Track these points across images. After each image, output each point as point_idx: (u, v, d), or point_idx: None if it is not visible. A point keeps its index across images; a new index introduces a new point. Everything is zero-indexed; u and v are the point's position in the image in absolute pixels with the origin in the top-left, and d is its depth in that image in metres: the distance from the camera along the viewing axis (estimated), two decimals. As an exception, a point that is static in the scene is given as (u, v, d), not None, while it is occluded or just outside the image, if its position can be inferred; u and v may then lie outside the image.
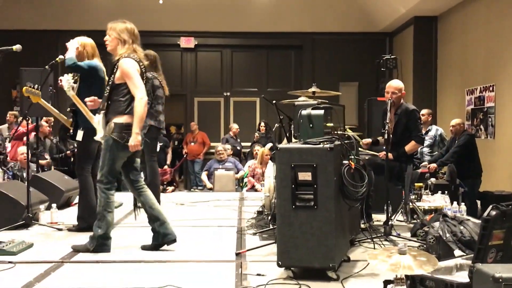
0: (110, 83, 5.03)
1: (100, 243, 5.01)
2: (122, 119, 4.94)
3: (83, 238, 5.43)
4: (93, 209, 5.85)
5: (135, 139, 4.88)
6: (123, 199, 8.20)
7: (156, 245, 5.14)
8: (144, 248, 5.16)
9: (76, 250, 5.05)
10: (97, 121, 5.05)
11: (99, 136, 5.06)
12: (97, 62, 5.95)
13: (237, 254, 4.95)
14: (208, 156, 14.01)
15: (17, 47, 5.27)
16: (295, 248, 4.15)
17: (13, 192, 6.23)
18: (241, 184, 11.07)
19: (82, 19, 14.20)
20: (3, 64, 5.26)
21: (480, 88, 10.44)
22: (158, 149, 7.93)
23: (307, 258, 4.13)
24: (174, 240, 5.15)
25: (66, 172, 8.05)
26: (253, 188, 10.10)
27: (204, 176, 11.72)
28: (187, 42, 15.13)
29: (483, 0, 10.48)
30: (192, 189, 13.78)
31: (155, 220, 5.11)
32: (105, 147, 4.98)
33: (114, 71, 5.00)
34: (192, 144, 14.41)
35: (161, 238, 5.13)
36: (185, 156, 14.64)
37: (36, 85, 5.93)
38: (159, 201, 7.55)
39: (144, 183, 5.27)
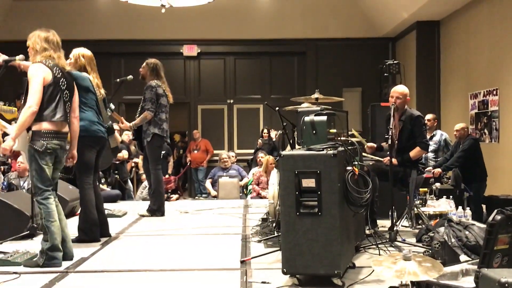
0: (25, 91, 4.89)
1: (48, 257, 4.84)
2: (38, 126, 4.83)
3: (85, 249, 5.45)
4: (93, 221, 5.85)
5: (7, 144, 4.75)
6: (128, 208, 8.21)
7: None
8: (27, 265, 4.91)
9: (27, 266, 4.87)
10: (10, 130, 4.98)
11: (14, 146, 4.95)
12: (80, 72, 5.87)
13: (242, 262, 4.94)
14: (212, 163, 14.01)
15: (20, 57, 5.28)
16: (300, 255, 4.13)
17: (17, 202, 6.23)
18: (245, 192, 11.06)
19: (85, 29, 14.28)
20: (7, 75, 5.27)
21: (484, 92, 10.41)
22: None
23: (312, 265, 4.11)
24: (71, 260, 5.03)
25: (70, 180, 8.04)
26: (258, 196, 10.08)
27: (208, 183, 11.72)
28: (190, 50, 15.16)
29: (485, 4, 10.47)
30: (196, 197, 13.78)
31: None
32: (28, 157, 4.88)
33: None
34: (195, 152, 14.42)
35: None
36: (188, 164, 14.65)
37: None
38: (163, 210, 7.61)
39: (55, 197, 5.09)
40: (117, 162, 10.09)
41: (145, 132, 7.53)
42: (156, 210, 7.58)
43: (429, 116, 9.16)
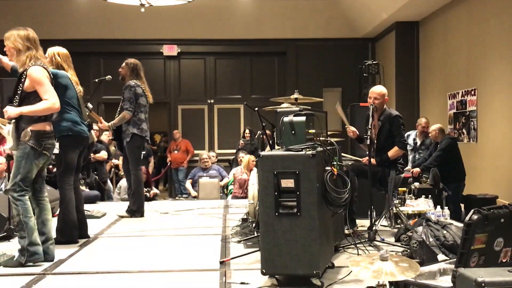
0: (19, 92, 4.88)
1: (30, 253, 4.84)
2: (38, 126, 4.88)
3: (63, 251, 5.39)
4: (72, 222, 5.79)
5: (13, 111, 4.80)
6: (107, 208, 8.15)
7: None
8: (7, 265, 4.90)
9: (8, 266, 4.86)
10: (7, 131, 4.96)
11: (8, 146, 5.01)
12: (58, 70, 5.82)
13: (221, 263, 4.93)
14: (192, 164, 13.97)
15: None
16: (279, 255, 4.13)
17: (-6, 204, 6.16)
18: (225, 192, 11.03)
19: (64, 28, 14.15)
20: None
21: (462, 92, 10.50)
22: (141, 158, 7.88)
23: (291, 265, 4.12)
24: (51, 261, 5.01)
25: (49, 181, 7.96)
26: (244, 185, 9.79)
27: (188, 184, 11.67)
28: (170, 50, 15.09)
29: (464, 5, 10.56)
30: (176, 197, 13.73)
31: (42, 235, 4.98)
32: (20, 154, 4.87)
33: (22, 80, 4.86)
34: (176, 152, 14.37)
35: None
36: (169, 164, 14.59)
37: None
38: (142, 211, 7.57)
39: (46, 196, 5.13)
40: (94, 161, 10.01)
41: (124, 132, 7.48)
42: (136, 211, 7.53)
43: (422, 121, 9.41)
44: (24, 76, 4.86)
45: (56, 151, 5.69)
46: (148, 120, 7.66)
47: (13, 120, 4.90)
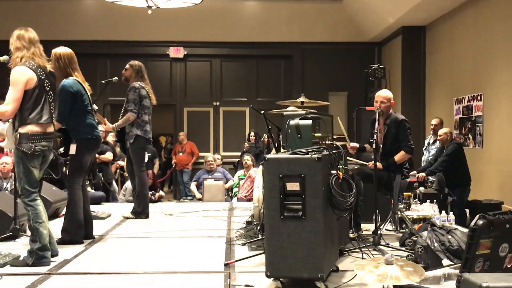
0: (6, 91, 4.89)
1: (38, 256, 4.85)
2: (26, 129, 4.83)
3: (68, 251, 5.40)
4: (78, 222, 5.81)
5: None
6: (112, 210, 8.17)
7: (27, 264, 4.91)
8: (14, 264, 4.92)
9: (15, 265, 4.88)
10: (1, 128, 4.99)
11: (3, 143, 5.05)
12: (67, 80, 5.78)
13: (225, 265, 4.93)
14: (197, 166, 13.98)
15: (4, 58, 5.26)
16: (283, 258, 4.13)
17: (0, 203, 6.17)
18: (230, 194, 11.03)
19: (71, 29, 14.19)
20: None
21: (468, 97, 10.49)
22: (146, 160, 7.90)
23: (295, 268, 4.12)
24: (56, 255, 5.11)
25: (54, 181, 7.98)
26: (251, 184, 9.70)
27: (193, 186, 11.67)
28: (176, 52, 15.11)
29: (470, 10, 10.56)
30: (181, 200, 13.73)
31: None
32: (16, 159, 4.88)
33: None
34: (181, 154, 14.37)
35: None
36: (173, 166, 14.61)
37: None
38: (147, 212, 7.58)
39: (38, 197, 5.05)
40: (99, 162, 10.04)
41: (128, 134, 7.50)
42: (141, 212, 7.54)
43: (434, 121, 9.43)
44: None
45: (72, 152, 5.74)
46: (152, 122, 7.68)
47: (10, 120, 4.92)
